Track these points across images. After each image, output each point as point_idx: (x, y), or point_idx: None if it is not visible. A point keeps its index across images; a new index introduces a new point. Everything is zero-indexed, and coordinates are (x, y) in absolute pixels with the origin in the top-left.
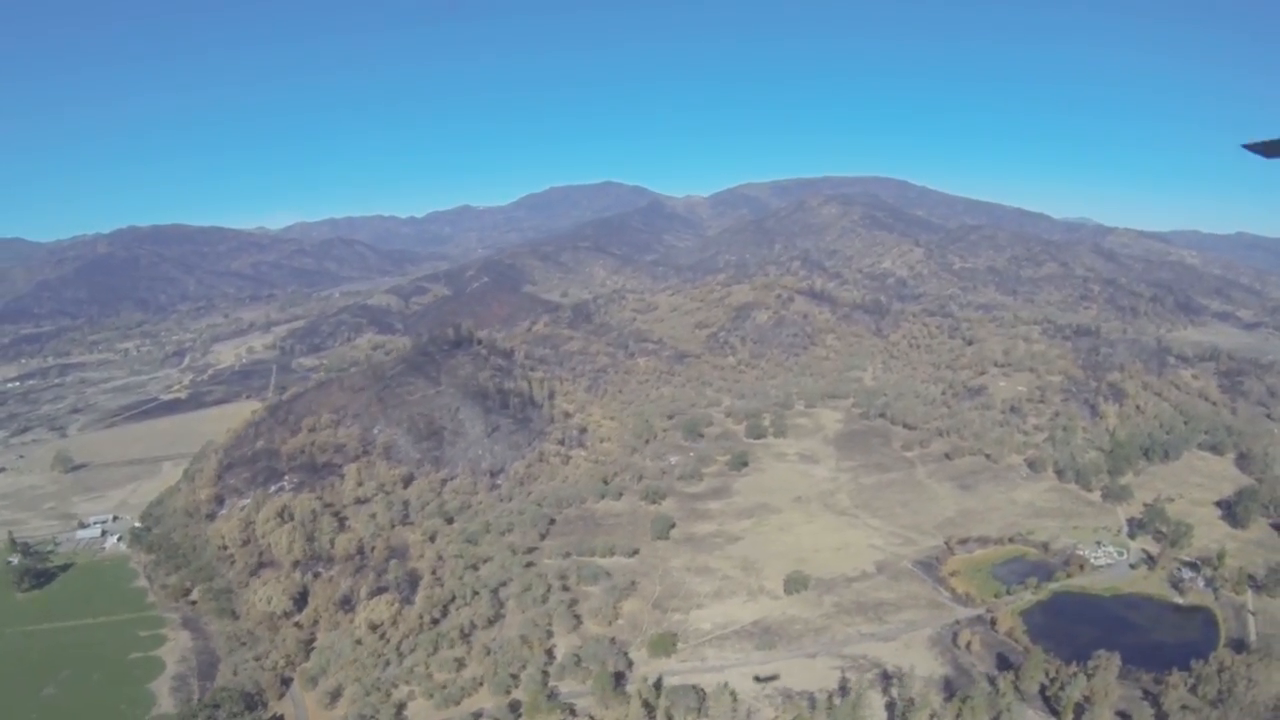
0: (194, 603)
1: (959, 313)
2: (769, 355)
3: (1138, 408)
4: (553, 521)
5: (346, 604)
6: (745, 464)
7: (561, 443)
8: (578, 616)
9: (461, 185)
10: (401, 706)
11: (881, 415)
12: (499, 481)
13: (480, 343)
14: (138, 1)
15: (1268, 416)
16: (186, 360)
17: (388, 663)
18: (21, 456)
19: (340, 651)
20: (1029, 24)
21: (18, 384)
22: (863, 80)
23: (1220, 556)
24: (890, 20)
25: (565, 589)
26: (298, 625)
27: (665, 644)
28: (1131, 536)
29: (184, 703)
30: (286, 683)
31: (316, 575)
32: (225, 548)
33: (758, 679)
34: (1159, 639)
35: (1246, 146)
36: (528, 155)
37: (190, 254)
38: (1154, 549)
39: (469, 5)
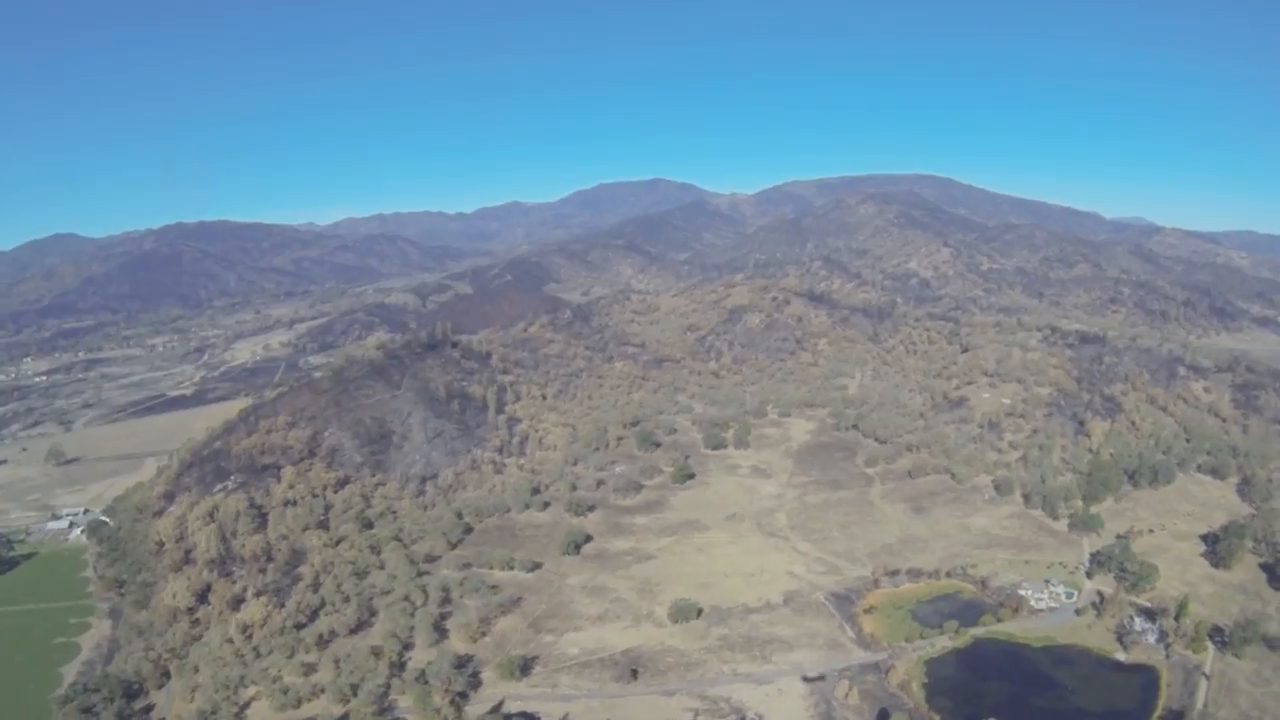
0: (124, 594)
1: (964, 317)
2: (753, 360)
3: (1133, 424)
4: (470, 530)
5: (238, 603)
6: (690, 476)
7: (500, 450)
8: (444, 631)
9: (512, 182)
10: (246, 705)
11: (854, 427)
12: (426, 488)
13: (455, 345)
14: (199, 2)
15: None
16: (205, 357)
17: (246, 662)
18: (25, 449)
19: (212, 649)
20: (1086, 21)
21: (45, 378)
22: (914, 78)
23: (1182, 605)
24: (944, 17)
25: (446, 601)
26: (195, 621)
27: (512, 666)
28: (1089, 575)
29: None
30: (170, 675)
31: (228, 574)
32: (162, 543)
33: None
34: (1082, 705)
35: None
36: (579, 152)
37: (234, 250)
38: (1116, 587)
39: (521, 3)
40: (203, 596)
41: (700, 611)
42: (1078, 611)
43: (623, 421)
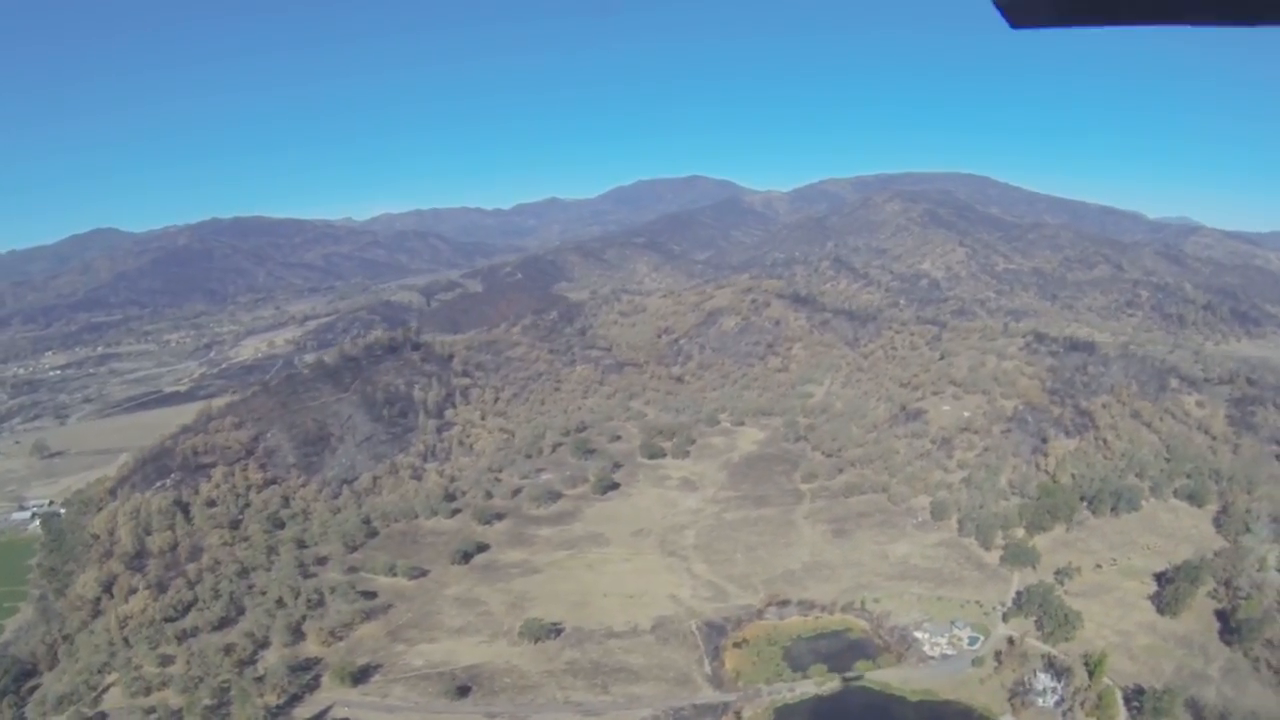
0: (51, 582)
1: (955, 320)
2: (719, 365)
3: (1104, 442)
4: (375, 535)
5: (132, 595)
6: (613, 487)
7: (424, 455)
8: (301, 633)
9: (552, 179)
10: (105, 690)
11: (803, 438)
12: (341, 491)
13: (418, 348)
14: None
15: (1278, 458)
16: (212, 353)
17: (115, 650)
18: (17, 442)
19: (94, 636)
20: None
21: (59, 372)
22: (955, 75)
23: (1097, 661)
24: (988, 14)
25: (320, 604)
26: (97, 611)
27: (344, 673)
28: (1005, 618)
29: None
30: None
31: (139, 569)
32: (97, 536)
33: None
34: None
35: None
36: (619, 149)
37: (266, 245)
38: (1034, 634)
39: (562, 1)
40: (109, 588)
41: (560, 632)
42: (976, 661)
43: (567, 427)
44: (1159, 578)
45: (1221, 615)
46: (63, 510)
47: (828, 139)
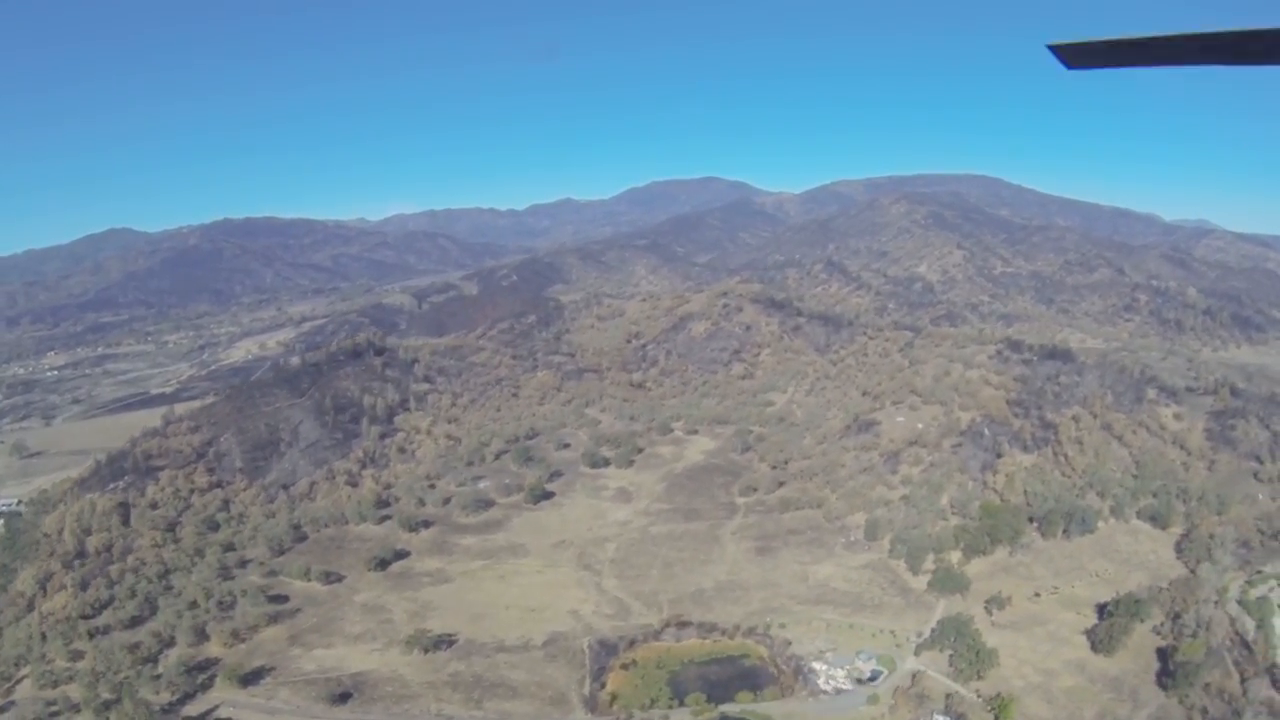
0: None
1: (932, 327)
2: (682, 371)
3: (1065, 458)
4: (304, 539)
5: (59, 593)
6: (546, 496)
7: (363, 461)
8: (206, 634)
9: (566, 179)
10: (18, 681)
11: (750, 449)
12: (277, 495)
13: (381, 353)
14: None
15: (1255, 476)
16: (205, 354)
17: (32, 645)
18: (2, 442)
19: (18, 631)
20: (1149, 18)
21: (56, 372)
22: (969, 78)
23: (1003, 705)
24: (1003, 16)
25: (231, 605)
26: (32, 607)
27: (233, 675)
28: (918, 651)
29: None
30: None
31: (72, 569)
32: (47, 535)
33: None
34: None
35: (1051, 47)
36: (634, 149)
37: (275, 246)
38: (946, 670)
39: (576, 4)
40: (44, 585)
41: (453, 643)
42: (872, 698)
43: (516, 434)
44: (1101, 609)
45: (1163, 654)
46: (21, 509)
47: (842, 140)
